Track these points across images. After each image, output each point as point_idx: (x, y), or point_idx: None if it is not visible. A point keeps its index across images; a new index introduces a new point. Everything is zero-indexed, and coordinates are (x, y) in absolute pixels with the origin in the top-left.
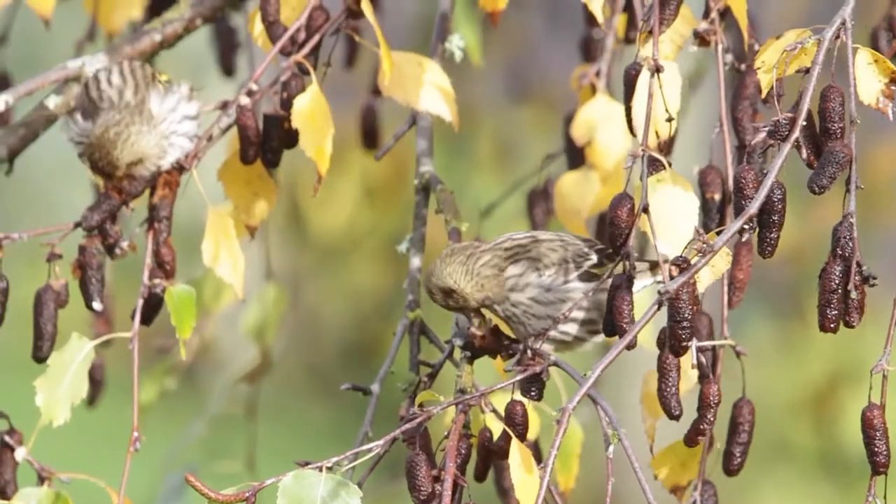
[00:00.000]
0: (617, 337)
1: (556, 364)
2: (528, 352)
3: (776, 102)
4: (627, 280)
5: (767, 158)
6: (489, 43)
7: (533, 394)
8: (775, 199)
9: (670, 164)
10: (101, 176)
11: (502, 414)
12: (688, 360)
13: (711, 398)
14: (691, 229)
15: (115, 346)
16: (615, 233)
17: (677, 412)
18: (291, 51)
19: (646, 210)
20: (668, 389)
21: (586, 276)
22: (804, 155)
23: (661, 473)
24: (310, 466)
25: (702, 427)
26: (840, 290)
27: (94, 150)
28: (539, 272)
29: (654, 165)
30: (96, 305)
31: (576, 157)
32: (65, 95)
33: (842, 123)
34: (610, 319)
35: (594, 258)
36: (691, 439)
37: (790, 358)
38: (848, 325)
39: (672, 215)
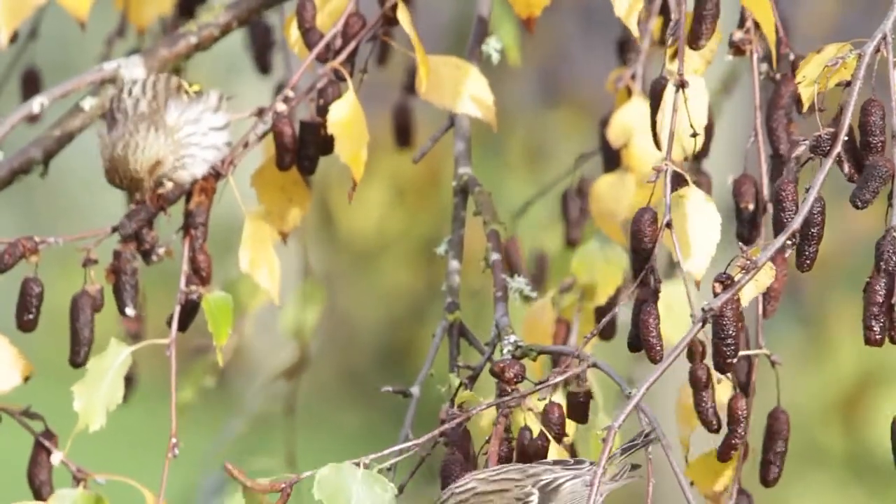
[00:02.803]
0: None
1: (595, 366)
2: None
3: (818, 117)
4: (653, 294)
5: (801, 170)
6: (522, 46)
7: (581, 417)
8: (815, 213)
9: (702, 174)
10: (130, 192)
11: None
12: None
13: (740, 412)
14: (714, 244)
15: (148, 345)
16: (638, 247)
17: (716, 426)
18: (328, 57)
19: (669, 225)
20: (705, 403)
21: None
22: (846, 169)
23: (696, 481)
24: (349, 461)
25: (733, 441)
26: (885, 304)
27: (112, 173)
28: None
29: (678, 180)
30: (129, 311)
31: (612, 159)
32: (100, 97)
33: (883, 137)
34: (636, 334)
35: (534, 500)
36: (725, 454)
37: (818, 363)
38: (893, 340)
39: (695, 230)
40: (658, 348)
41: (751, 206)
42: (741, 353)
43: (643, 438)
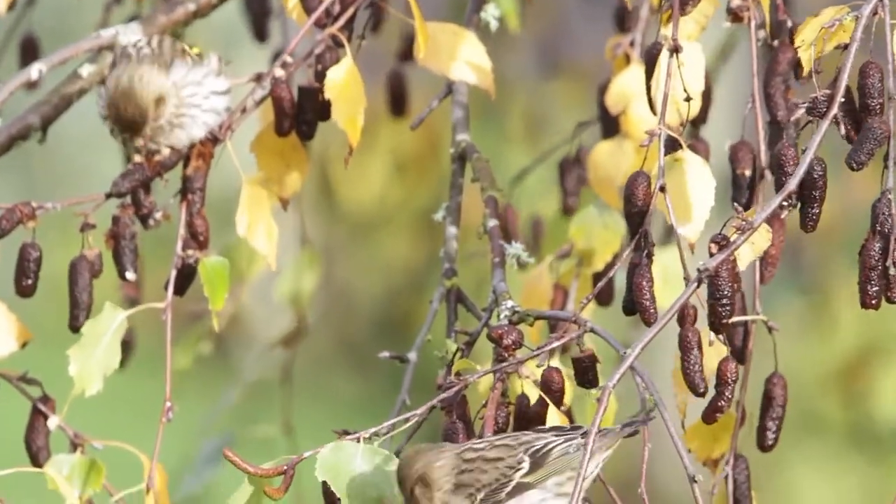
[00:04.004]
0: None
1: (593, 331)
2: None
3: (815, 79)
4: (647, 257)
5: (800, 135)
6: (521, 14)
7: (589, 381)
8: (816, 175)
9: (700, 140)
10: (133, 131)
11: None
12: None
13: (729, 375)
14: (709, 209)
15: (146, 311)
16: (631, 211)
17: (702, 389)
18: (326, 23)
19: (662, 189)
20: (692, 366)
21: (516, 490)
22: (843, 131)
23: (693, 447)
24: (348, 437)
25: (720, 404)
26: (880, 267)
27: (117, 107)
28: (472, 499)
29: (672, 145)
30: (129, 275)
31: (610, 126)
32: (98, 64)
33: (881, 99)
34: (630, 297)
35: (525, 466)
36: (709, 417)
37: (819, 331)
38: (890, 300)
39: (690, 194)
40: (652, 311)
41: (747, 173)
42: (738, 318)
43: (644, 416)
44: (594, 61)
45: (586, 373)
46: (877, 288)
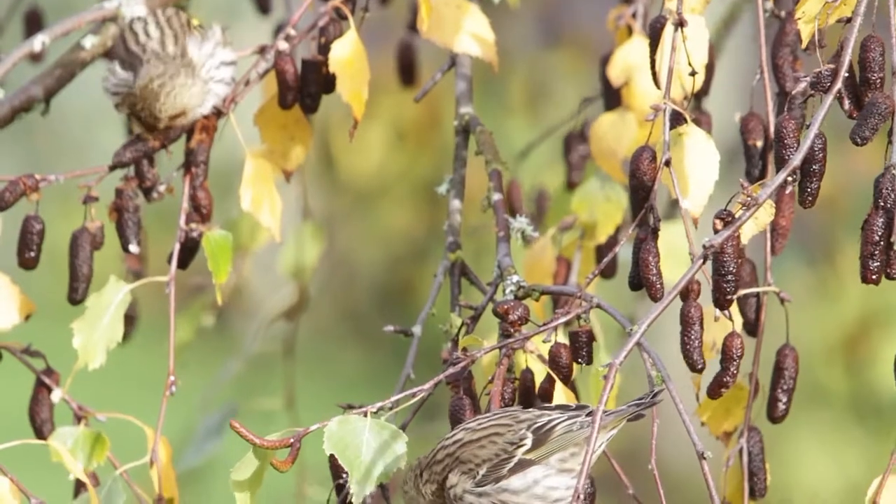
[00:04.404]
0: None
1: (598, 306)
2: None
3: (818, 53)
4: (653, 232)
5: (807, 106)
6: None
7: (583, 357)
8: (816, 150)
9: (703, 113)
10: (142, 126)
11: (544, 356)
12: (712, 312)
13: (735, 350)
14: (712, 182)
15: (148, 284)
16: (636, 185)
17: (700, 365)
18: None
19: (668, 163)
20: (692, 342)
21: (519, 466)
22: (846, 106)
23: (706, 419)
24: (354, 411)
25: (725, 379)
26: (883, 242)
27: (136, 102)
28: (472, 474)
29: (676, 119)
30: (133, 248)
31: (612, 98)
32: (101, 36)
33: (882, 73)
34: (636, 272)
35: (528, 443)
36: (715, 392)
37: (823, 303)
38: (890, 276)
39: (694, 168)
40: (658, 286)
41: (759, 144)
42: (750, 290)
43: (650, 397)
44: (596, 31)
45: (581, 349)
46: (878, 263)
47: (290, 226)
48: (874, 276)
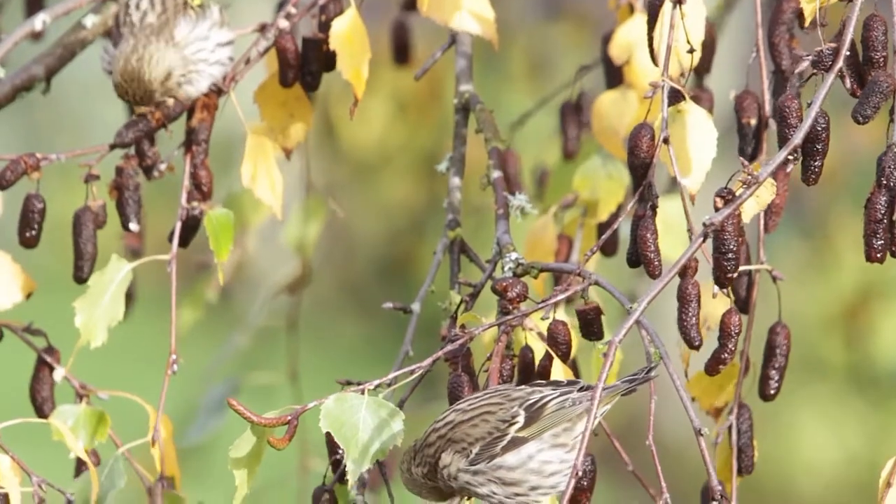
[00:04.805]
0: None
1: (597, 283)
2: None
3: (819, 32)
4: (651, 209)
5: (806, 85)
6: None
7: (594, 334)
8: (819, 129)
9: (703, 90)
10: (142, 105)
11: (543, 334)
12: (708, 289)
13: (732, 328)
14: (710, 160)
15: (151, 262)
16: (635, 162)
17: (697, 342)
18: None
19: (666, 141)
20: (689, 319)
21: (512, 443)
22: (847, 84)
23: (696, 395)
24: (352, 389)
25: (723, 356)
26: (885, 220)
27: (125, 86)
28: (465, 453)
29: (675, 96)
30: (133, 226)
31: (614, 76)
32: (102, 15)
33: (885, 52)
34: (634, 249)
35: (520, 420)
36: (712, 368)
37: (820, 275)
38: (894, 254)
39: (693, 146)
40: (656, 263)
41: (753, 122)
42: (743, 268)
43: (644, 373)
44: (597, 4)
45: (591, 325)
46: (882, 241)
47: (292, 200)
48: (878, 255)
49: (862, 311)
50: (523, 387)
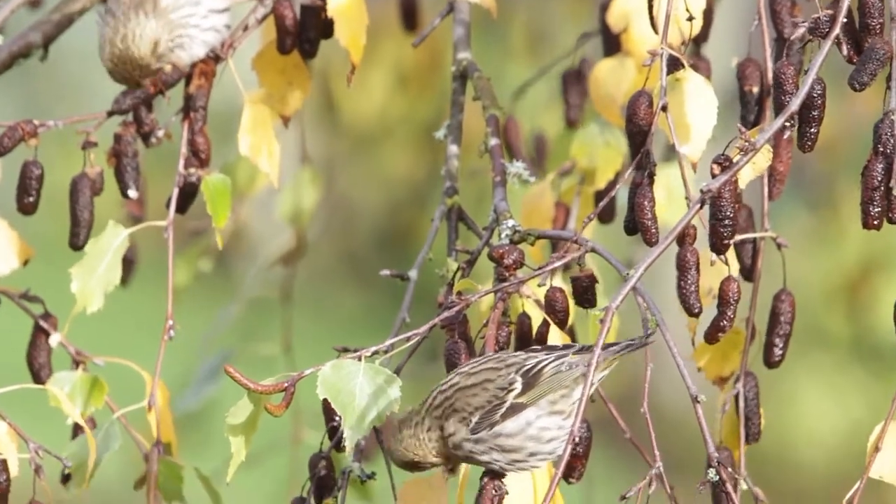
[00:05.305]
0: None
1: (594, 251)
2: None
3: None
4: (649, 177)
5: (806, 52)
6: None
7: (587, 301)
8: (815, 95)
9: (701, 59)
10: (139, 81)
11: (540, 301)
12: (706, 256)
13: (731, 295)
14: (711, 128)
15: (146, 228)
16: (633, 130)
17: (697, 310)
18: None
19: (664, 109)
20: (689, 286)
21: (511, 410)
22: (844, 51)
23: (702, 365)
24: (349, 355)
25: (722, 324)
26: (882, 187)
27: (119, 70)
28: (466, 422)
29: (674, 64)
30: (132, 193)
31: (612, 44)
32: None
33: (881, 19)
34: (631, 216)
35: (518, 387)
36: (711, 336)
37: (823, 246)
38: (891, 221)
39: (692, 114)
40: (653, 231)
41: (755, 90)
42: (747, 235)
43: (641, 339)
44: None
45: (585, 293)
46: (879, 209)
47: (288, 170)
48: (875, 222)
49: (865, 282)
50: (518, 353)
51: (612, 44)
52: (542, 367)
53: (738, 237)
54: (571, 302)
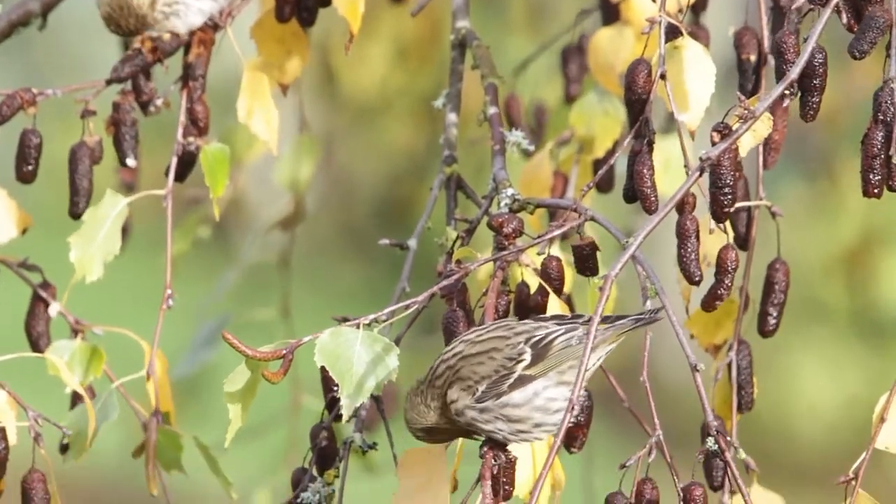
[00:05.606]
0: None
1: (593, 219)
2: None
3: None
4: (648, 145)
5: (804, 21)
6: None
7: (589, 269)
8: (817, 64)
9: (700, 27)
10: (136, 34)
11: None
12: (705, 224)
13: (729, 263)
14: (709, 96)
15: (144, 197)
16: (632, 98)
17: (698, 277)
18: None
19: (663, 77)
20: (689, 254)
21: (519, 381)
22: (844, 19)
23: (695, 332)
24: (348, 323)
25: (719, 292)
26: (882, 156)
27: (115, 17)
28: (472, 391)
29: (673, 32)
30: (130, 162)
31: (610, 13)
32: None
33: None
34: (631, 184)
35: (527, 358)
36: (709, 304)
37: (823, 218)
38: (891, 189)
39: (691, 82)
40: (653, 199)
41: (752, 58)
42: (741, 204)
43: (651, 314)
44: None
45: (586, 260)
46: (879, 177)
47: (286, 138)
48: (875, 190)
49: (864, 255)
50: (527, 321)
51: (611, 12)
52: (552, 340)
53: (735, 206)
54: (569, 270)
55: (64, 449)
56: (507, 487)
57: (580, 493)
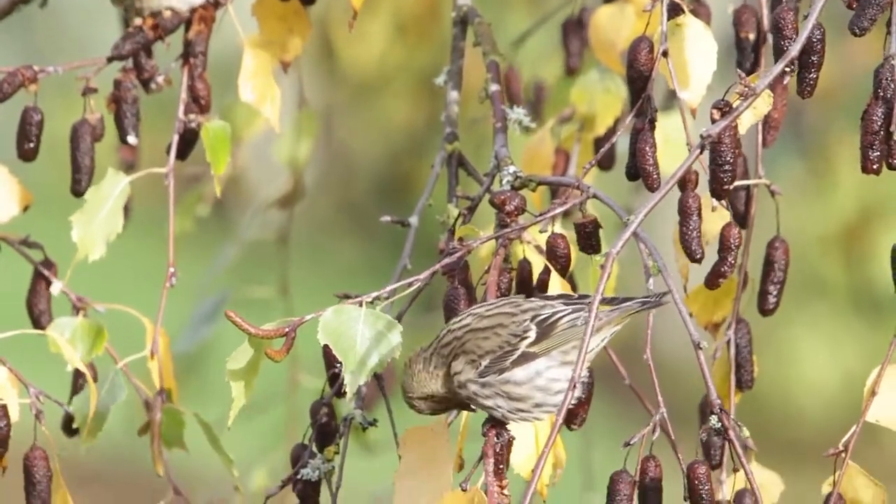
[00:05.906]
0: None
1: (595, 196)
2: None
3: None
4: (650, 123)
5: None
6: None
7: (592, 246)
8: (815, 41)
9: (701, 4)
10: (144, 4)
11: (541, 247)
12: (706, 202)
13: (732, 241)
14: (710, 73)
15: (144, 175)
16: (634, 75)
17: (699, 255)
18: None
19: (665, 54)
20: (691, 232)
21: (522, 358)
22: None
23: (694, 310)
24: (350, 301)
25: (722, 269)
26: (882, 132)
27: None
28: (475, 365)
29: (674, 10)
30: (131, 139)
31: None
32: None
33: None
34: (633, 162)
35: (531, 335)
36: (712, 282)
37: (820, 195)
38: (891, 166)
39: (692, 59)
40: (655, 176)
41: (751, 36)
42: (740, 182)
43: (658, 297)
44: None
45: (589, 238)
46: (878, 153)
47: (286, 115)
48: (875, 166)
49: (862, 232)
50: (534, 299)
51: None
52: (557, 319)
53: (734, 184)
54: (572, 248)
55: (71, 430)
56: (500, 466)
57: (578, 470)
